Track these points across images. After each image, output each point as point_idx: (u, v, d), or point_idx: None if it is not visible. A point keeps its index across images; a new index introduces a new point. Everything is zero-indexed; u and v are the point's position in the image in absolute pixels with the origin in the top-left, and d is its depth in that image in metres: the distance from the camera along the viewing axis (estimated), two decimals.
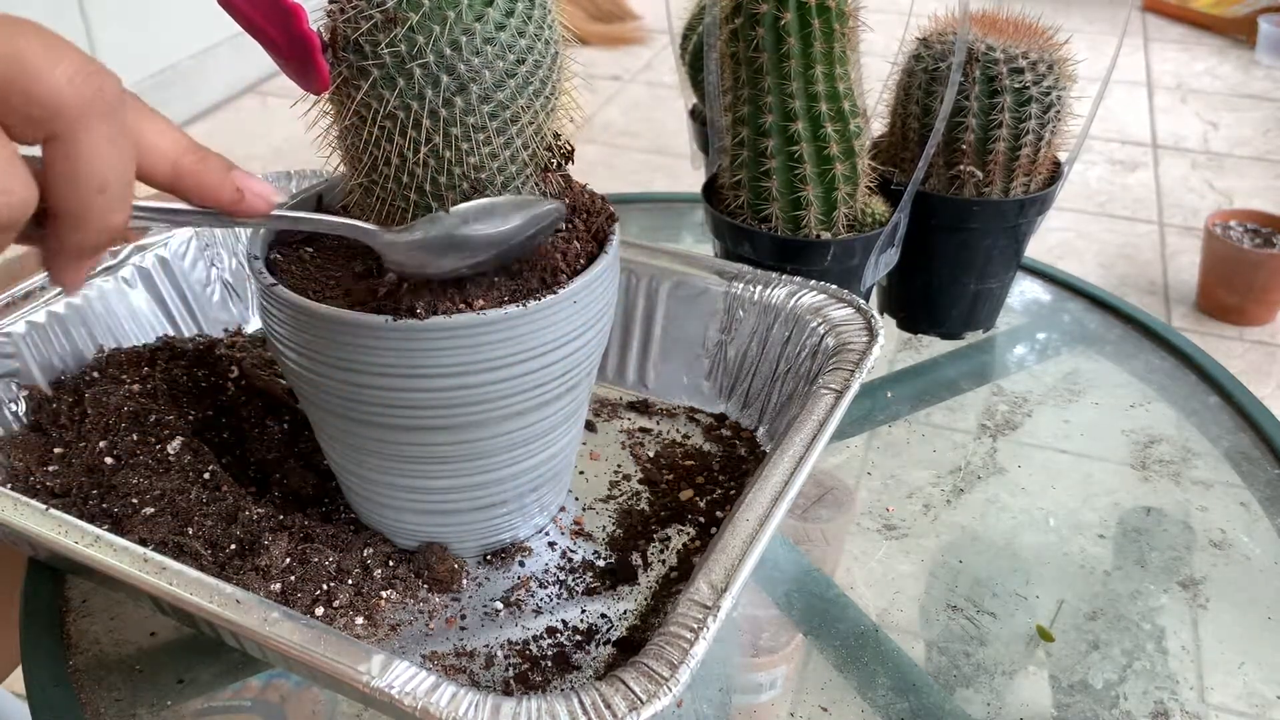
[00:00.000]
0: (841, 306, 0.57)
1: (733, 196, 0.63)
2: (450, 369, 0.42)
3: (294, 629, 0.39)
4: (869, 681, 0.48)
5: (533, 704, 0.37)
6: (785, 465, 0.46)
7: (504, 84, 0.40)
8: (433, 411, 0.44)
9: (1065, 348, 0.73)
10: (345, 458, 0.48)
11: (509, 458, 0.47)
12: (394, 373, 0.42)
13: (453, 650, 0.46)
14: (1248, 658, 0.51)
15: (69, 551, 0.43)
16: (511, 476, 0.48)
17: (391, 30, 0.38)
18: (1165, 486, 0.61)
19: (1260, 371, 1.73)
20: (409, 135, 0.40)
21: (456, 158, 0.41)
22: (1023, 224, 0.67)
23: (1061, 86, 0.64)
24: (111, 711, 0.45)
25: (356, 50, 0.39)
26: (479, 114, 0.40)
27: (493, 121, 0.41)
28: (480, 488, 0.48)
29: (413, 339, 0.41)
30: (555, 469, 0.50)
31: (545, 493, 0.51)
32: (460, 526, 0.49)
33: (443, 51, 0.39)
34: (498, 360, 0.43)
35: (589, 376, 0.49)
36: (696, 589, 0.40)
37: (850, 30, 0.59)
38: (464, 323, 0.41)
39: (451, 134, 0.41)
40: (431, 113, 0.40)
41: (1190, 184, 2.29)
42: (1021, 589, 0.54)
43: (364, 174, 0.43)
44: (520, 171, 0.44)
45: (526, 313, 0.42)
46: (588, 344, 0.46)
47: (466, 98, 0.40)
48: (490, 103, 0.40)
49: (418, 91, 0.39)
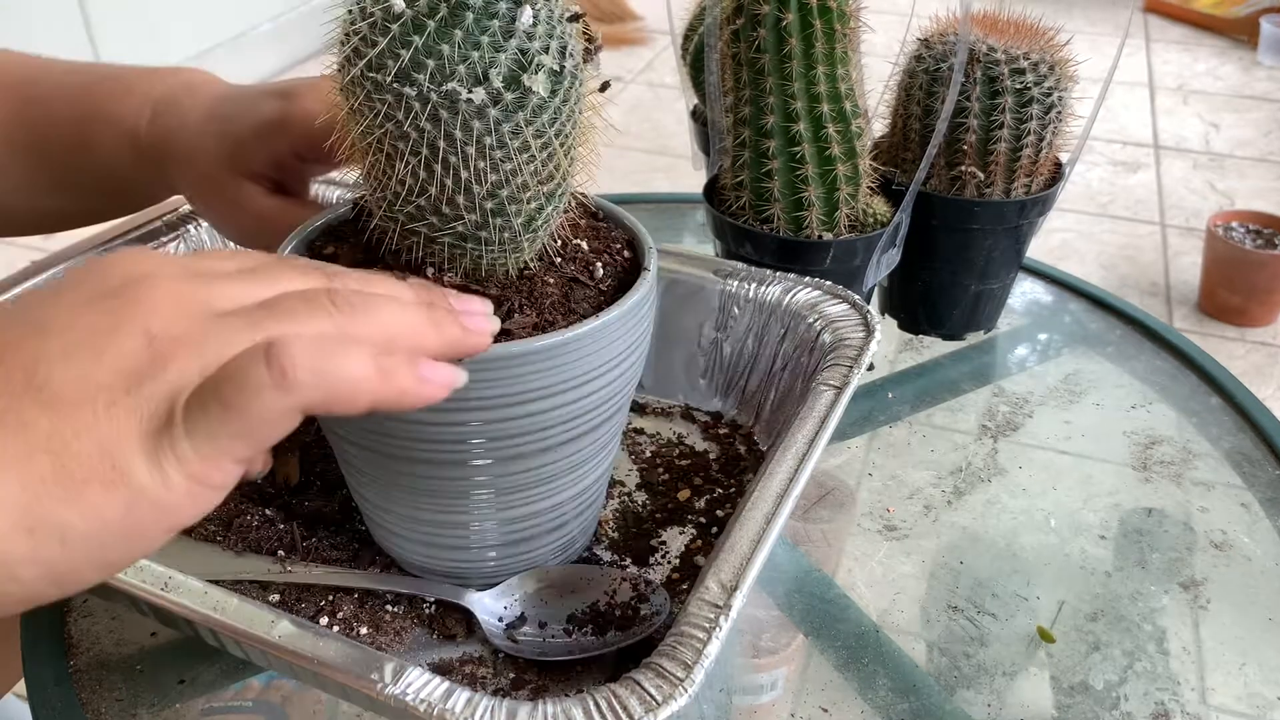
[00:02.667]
0: (837, 302, 0.57)
1: (734, 197, 0.63)
2: (489, 401, 0.40)
3: (302, 636, 0.39)
4: (870, 682, 0.48)
5: (548, 708, 0.36)
6: (789, 462, 0.46)
7: (512, 114, 0.38)
8: (457, 446, 0.42)
9: (1066, 349, 0.73)
10: (363, 485, 0.46)
11: (539, 492, 0.45)
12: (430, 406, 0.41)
13: (460, 657, 0.45)
14: (1249, 659, 0.51)
15: None
16: (534, 514, 0.46)
17: (397, 60, 0.37)
18: (1166, 487, 0.61)
19: (1261, 372, 1.73)
20: (421, 154, 0.39)
21: (475, 177, 0.39)
22: (1024, 225, 0.67)
23: (1063, 87, 0.64)
24: (112, 712, 0.45)
25: (373, 69, 0.38)
26: (493, 137, 0.38)
27: (512, 142, 0.39)
28: (507, 524, 0.46)
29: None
30: (580, 507, 0.48)
31: (570, 531, 0.49)
32: (473, 564, 0.48)
33: (441, 86, 0.37)
34: (537, 391, 0.41)
35: (622, 409, 0.47)
36: (706, 589, 0.40)
37: (852, 31, 0.59)
38: (504, 354, 0.39)
39: (451, 160, 0.39)
40: (446, 135, 0.38)
41: (1192, 185, 2.28)
42: (1022, 590, 0.54)
43: (381, 189, 0.41)
44: (540, 192, 0.42)
45: (568, 340, 0.40)
46: (625, 371, 0.45)
47: (479, 125, 0.38)
48: (502, 128, 0.38)
49: (427, 117, 0.38)
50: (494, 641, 0.45)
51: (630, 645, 0.45)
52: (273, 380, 0.28)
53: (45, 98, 0.56)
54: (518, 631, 0.45)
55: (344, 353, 0.29)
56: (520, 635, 0.45)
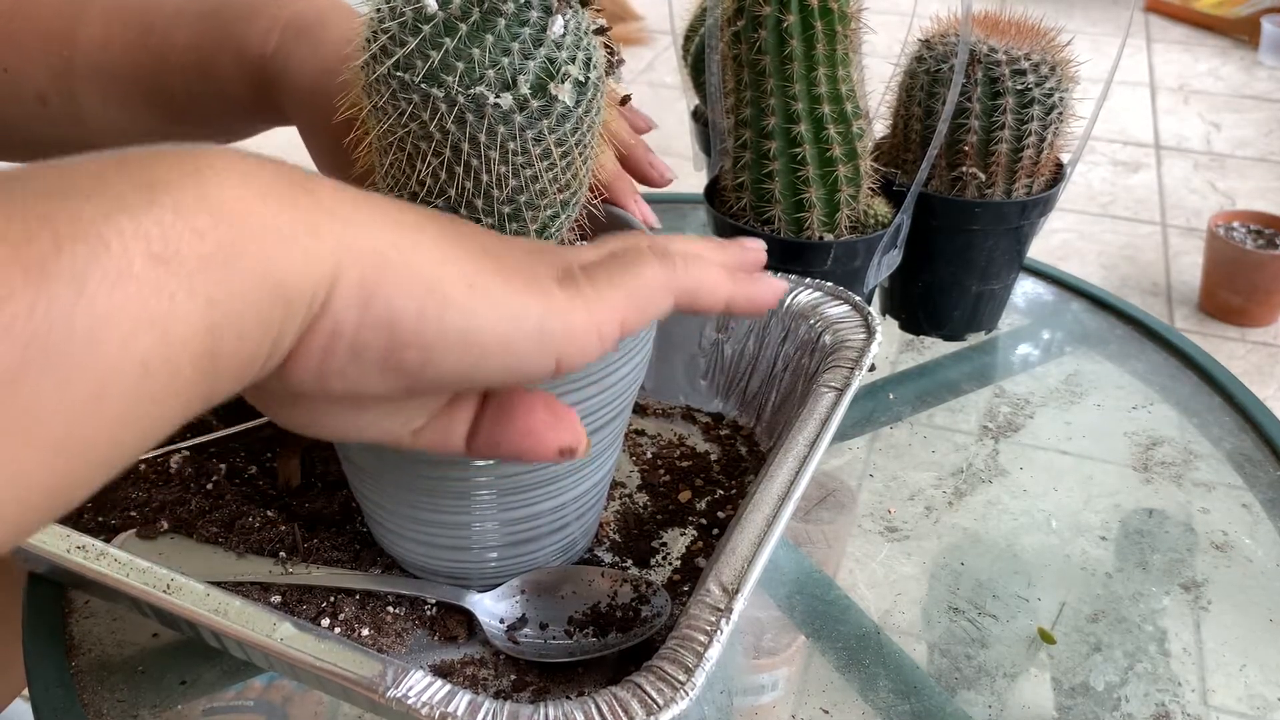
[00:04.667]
0: (838, 304, 0.57)
1: (735, 198, 0.63)
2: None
3: (304, 638, 0.39)
4: (870, 683, 0.48)
5: (550, 710, 0.36)
6: (790, 464, 0.46)
7: (536, 120, 0.38)
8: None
9: (1067, 349, 0.73)
10: (365, 484, 0.46)
11: (541, 494, 0.45)
12: None
13: (461, 658, 0.45)
14: (1250, 660, 0.51)
15: (70, 565, 0.43)
16: (536, 515, 0.46)
17: (427, 60, 0.37)
18: (1167, 488, 0.61)
19: (1263, 373, 1.73)
20: (444, 156, 0.39)
21: (496, 182, 0.39)
22: (1025, 225, 0.67)
23: (1064, 88, 0.64)
24: (114, 712, 0.45)
25: (401, 68, 0.38)
26: (517, 142, 0.38)
27: (535, 148, 0.39)
28: (508, 525, 0.46)
29: None
30: (582, 509, 0.48)
31: (571, 532, 0.49)
32: (474, 564, 0.48)
33: (470, 90, 0.37)
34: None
35: (625, 411, 0.47)
36: (707, 591, 0.40)
37: (852, 32, 0.59)
38: None
39: (474, 164, 0.39)
40: (470, 138, 0.38)
41: (1193, 185, 2.28)
42: (1023, 591, 0.54)
43: (400, 189, 0.41)
44: (557, 199, 0.42)
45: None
46: (629, 374, 0.45)
47: (504, 130, 0.38)
48: (526, 134, 0.38)
49: (453, 119, 0.38)
50: (495, 643, 0.45)
51: (631, 646, 0.45)
52: (658, 260, 0.34)
53: (166, 26, 0.54)
54: (518, 633, 0.45)
55: (705, 264, 0.36)
56: (521, 637, 0.45)
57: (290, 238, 0.27)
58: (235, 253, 0.25)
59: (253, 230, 0.26)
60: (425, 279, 0.29)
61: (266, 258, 0.26)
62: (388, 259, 0.29)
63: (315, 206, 0.28)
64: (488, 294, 0.30)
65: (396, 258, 0.29)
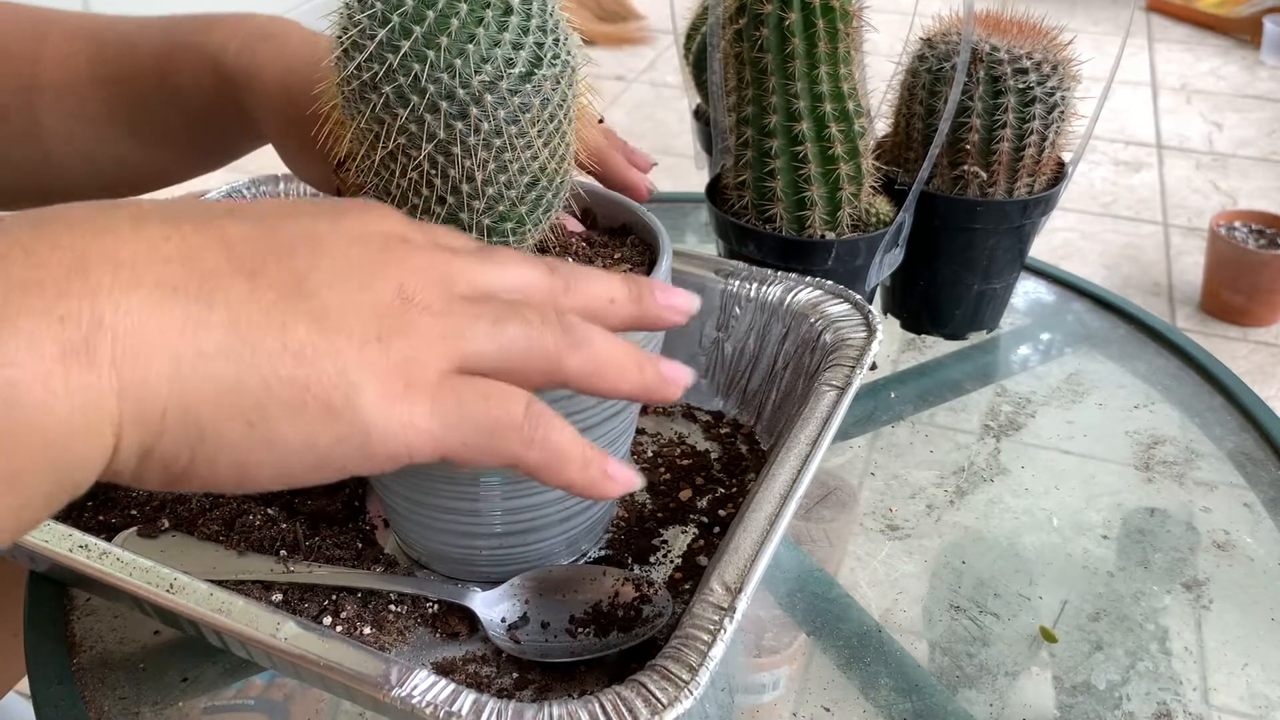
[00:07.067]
0: (838, 302, 0.57)
1: (737, 197, 0.63)
2: None
3: (308, 638, 0.39)
4: (872, 682, 0.48)
5: (554, 709, 0.36)
6: (792, 463, 0.46)
7: (508, 104, 0.39)
8: None
9: (1069, 348, 0.73)
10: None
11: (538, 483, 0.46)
12: None
13: (463, 656, 0.45)
14: (1251, 659, 0.51)
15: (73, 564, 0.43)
16: (542, 504, 0.46)
17: (398, 51, 0.37)
18: (1169, 487, 0.61)
19: (1264, 372, 1.73)
20: (424, 149, 0.39)
21: (466, 175, 0.40)
22: (1027, 224, 0.67)
23: (1065, 87, 0.64)
24: (115, 710, 0.45)
25: (373, 60, 0.38)
26: (491, 123, 0.39)
27: (502, 138, 0.40)
28: (513, 513, 0.46)
29: None
30: (586, 501, 0.48)
31: (576, 525, 0.49)
32: (477, 552, 0.48)
33: (438, 79, 0.38)
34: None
35: (629, 406, 0.47)
36: (710, 590, 0.40)
37: (854, 30, 0.59)
38: None
39: (454, 153, 0.39)
40: (446, 127, 0.39)
41: (1194, 185, 2.28)
42: (1025, 590, 0.54)
43: (383, 182, 0.42)
44: (536, 183, 0.42)
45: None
46: None
47: (476, 111, 0.39)
48: (495, 122, 0.39)
49: (425, 110, 0.38)
50: (496, 642, 0.45)
51: (632, 646, 0.45)
52: (521, 440, 0.31)
53: (124, 37, 0.55)
54: (520, 632, 0.45)
55: (571, 449, 0.32)
56: (522, 636, 0.45)
57: (65, 418, 0.25)
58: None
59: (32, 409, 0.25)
60: (199, 424, 0.27)
61: (45, 441, 0.25)
62: (164, 404, 0.27)
63: (93, 365, 0.26)
64: (268, 428, 0.28)
65: (174, 399, 0.27)
